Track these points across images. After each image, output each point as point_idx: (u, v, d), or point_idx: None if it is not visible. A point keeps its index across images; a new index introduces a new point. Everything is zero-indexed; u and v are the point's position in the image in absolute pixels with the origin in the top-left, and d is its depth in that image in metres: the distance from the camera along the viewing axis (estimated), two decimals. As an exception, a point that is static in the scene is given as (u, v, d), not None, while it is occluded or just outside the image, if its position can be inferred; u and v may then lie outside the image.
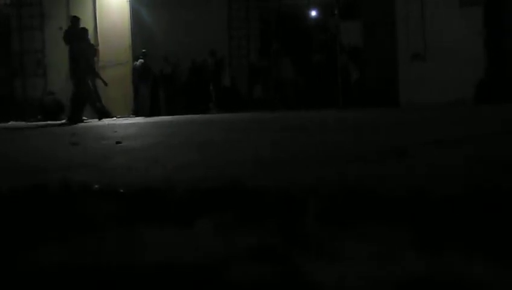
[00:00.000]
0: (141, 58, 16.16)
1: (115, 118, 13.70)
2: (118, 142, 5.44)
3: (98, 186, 2.50)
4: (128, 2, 16.63)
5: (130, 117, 15.26)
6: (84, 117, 13.11)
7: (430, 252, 1.37)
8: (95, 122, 12.39)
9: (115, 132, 7.56)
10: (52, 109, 16.01)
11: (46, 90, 16.49)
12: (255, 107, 15.96)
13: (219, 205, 1.95)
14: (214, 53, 16.53)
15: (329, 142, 4.95)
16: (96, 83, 14.08)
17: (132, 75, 16.18)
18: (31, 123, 14.35)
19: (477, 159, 3.19)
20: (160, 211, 1.92)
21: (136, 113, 15.92)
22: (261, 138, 5.87)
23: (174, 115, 14.28)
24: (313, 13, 18.32)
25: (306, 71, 16.67)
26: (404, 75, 14.96)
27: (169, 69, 16.46)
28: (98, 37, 16.50)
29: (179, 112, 15.48)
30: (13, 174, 3.36)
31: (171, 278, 1.27)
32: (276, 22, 18.36)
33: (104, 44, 16.24)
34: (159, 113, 15.84)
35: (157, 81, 16.58)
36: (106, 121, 12.28)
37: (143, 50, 16.18)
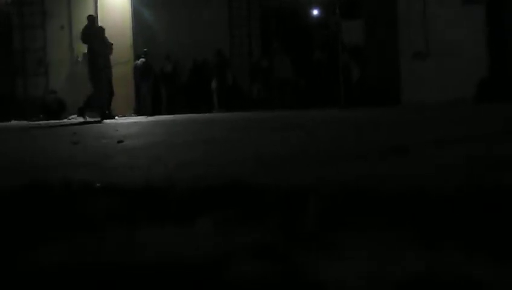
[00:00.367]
0: (142, 57, 16.16)
1: (116, 117, 13.70)
2: (119, 141, 5.44)
3: (99, 184, 2.50)
4: (130, 1, 16.64)
5: (132, 116, 15.28)
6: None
7: (430, 251, 1.37)
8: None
9: (116, 131, 7.56)
10: (54, 108, 16.02)
11: (47, 89, 16.50)
12: (255, 106, 15.95)
13: (220, 204, 1.95)
14: (220, 52, 16.52)
15: (330, 140, 4.95)
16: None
17: (133, 74, 16.20)
18: (32, 122, 14.36)
19: (478, 158, 3.19)
20: (161, 209, 1.93)
21: (138, 112, 15.94)
22: (262, 136, 5.87)
23: (176, 114, 14.29)
24: (315, 12, 18.30)
25: (306, 70, 16.66)
26: (405, 73, 14.97)
27: (170, 67, 16.45)
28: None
29: (180, 111, 15.49)
30: (13, 173, 3.36)
31: (171, 277, 1.28)
32: (277, 20, 18.35)
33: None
34: (160, 112, 15.85)
35: (158, 80, 16.59)
36: (108, 121, 12.28)
37: (144, 49, 16.19)
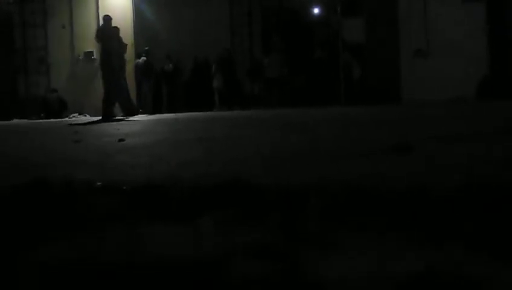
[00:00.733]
0: (144, 56, 16.15)
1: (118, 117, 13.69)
2: (120, 140, 5.44)
3: (100, 183, 2.50)
4: (131, 0, 16.63)
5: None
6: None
7: (430, 251, 1.38)
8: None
9: (117, 130, 7.56)
10: (55, 107, 16.03)
11: (48, 88, 16.50)
12: (255, 104, 15.94)
13: (220, 202, 1.95)
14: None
15: (331, 139, 4.95)
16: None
17: (135, 73, 16.18)
18: (33, 121, 14.36)
19: (479, 157, 3.19)
20: (161, 208, 1.93)
21: (139, 111, 15.92)
22: (263, 135, 5.87)
23: (177, 113, 14.28)
24: (316, 10, 18.28)
25: (304, 68, 16.61)
26: (406, 72, 14.96)
27: (171, 66, 16.44)
28: (101, 35, 16.53)
29: (181, 109, 15.48)
30: (14, 172, 3.37)
31: (171, 276, 1.28)
32: (278, 18, 18.32)
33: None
34: (161, 111, 15.83)
35: (159, 78, 16.57)
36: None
37: (145, 48, 16.18)
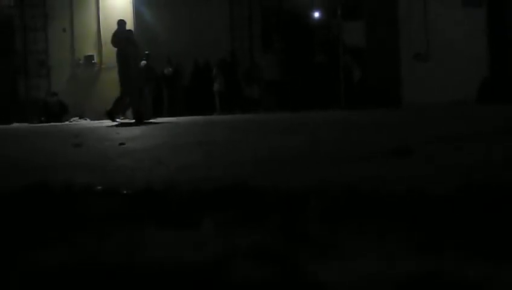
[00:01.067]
0: (144, 60, 16.15)
1: (117, 119, 13.68)
2: (121, 144, 5.44)
3: (100, 187, 2.50)
4: (132, 3, 16.65)
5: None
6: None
7: (430, 253, 1.38)
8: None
9: (117, 134, 7.56)
10: (56, 110, 16.02)
11: (49, 91, 16.50)
12: (255, 107, 15.93)
13: (220, 205, 1.95)
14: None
15: (332, 142, 4.95)
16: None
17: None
18: (34, 124, 14.34)
19: (479, 158, 3.19)
20: (162, 211, 1.93)
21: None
22: (263, 138, 5.87)
23: (177, 116, 14.28)
24: (316, 14, 18.29)
25: (303, 71, 16.59)
26: (406, 75, 14.96)
27: (170, 70, 16.43)
28: (101, 38, 16.54)
29: (182, 113, 15.47)
30: (15, 175, 3.37)
31: (171, 278, 1.28)
32: (278, 21, 18.32)
33: (107, 45, 16.24)
34: (161, 115, 15.82)
35: (160, 82, 16.57)
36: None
37: (146, 52, 16.18)
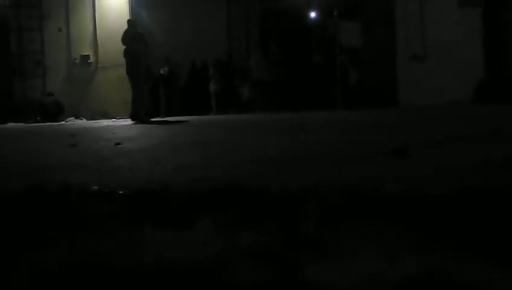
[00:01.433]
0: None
1: (114, 119, 13.68)
2: (117, 144, 5.42)
3: (96, 187, 2.49)
4: (128, 4, 16.64)
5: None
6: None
7: (430, 253, 1.37)
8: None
9: (113, 134, 7.55)
10: (52, 110, 16.00)
11: (45, 91, 16.49)
12: (252, 108, 15.94)
13: (219, 206, 1.94)
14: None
15: (331, 142, 4.95)
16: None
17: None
18: (30, 124, 14.33)
19: (478, 158, 3.19)
20: (160, 212, 1.92)
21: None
22: (261, 138, 5.86)
23: (174, 116, 14.28)
24: (312, 14, 18.31)
25: (302, 72, 16.59)
26: (403, 75, 14.97)
27: (166, 70, 16.43)
28: (98, 39, 16.52)
29: (178, 113, 15.47)
30: (12, 176, 3.36)
31: (171, 278, 1.27)
32: (275, 21, 18.33)
33: (103, 45, 16.25)
34: (158, 115, 15.83)
35: (157, 82, 16.57)
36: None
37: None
